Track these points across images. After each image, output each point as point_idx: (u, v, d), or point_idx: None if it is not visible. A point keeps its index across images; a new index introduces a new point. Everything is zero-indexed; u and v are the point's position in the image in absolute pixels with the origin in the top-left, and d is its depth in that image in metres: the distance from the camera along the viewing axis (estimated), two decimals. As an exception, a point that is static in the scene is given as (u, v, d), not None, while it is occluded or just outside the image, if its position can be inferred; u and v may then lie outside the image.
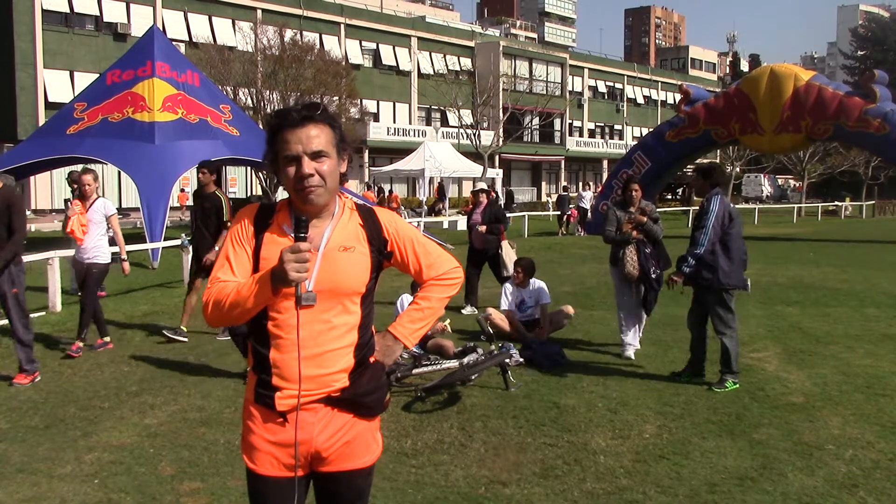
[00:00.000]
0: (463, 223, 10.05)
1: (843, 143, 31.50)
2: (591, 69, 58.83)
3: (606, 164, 55.19)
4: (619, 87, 61.72)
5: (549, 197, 44.47)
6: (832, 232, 27.57)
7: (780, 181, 60.10)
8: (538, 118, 42.38)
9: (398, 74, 45.38)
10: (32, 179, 27.65)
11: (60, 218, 8.74)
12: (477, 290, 10.33)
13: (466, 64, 44.59)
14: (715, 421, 5.46)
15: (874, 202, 45.49)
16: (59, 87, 31.62)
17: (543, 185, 53.89)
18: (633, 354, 7.32)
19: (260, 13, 37.31)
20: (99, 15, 33.36)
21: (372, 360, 2.37)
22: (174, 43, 24.29)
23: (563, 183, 45.86)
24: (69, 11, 32.48)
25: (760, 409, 5.75)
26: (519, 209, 32.54)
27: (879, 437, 5.12)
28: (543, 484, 4.36)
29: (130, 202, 27.98)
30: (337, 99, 30.03)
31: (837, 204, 43.46)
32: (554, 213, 29.57)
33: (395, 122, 44.13)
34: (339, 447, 2.29)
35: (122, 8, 33.97)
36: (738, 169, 47.02)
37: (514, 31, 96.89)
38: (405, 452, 4.84)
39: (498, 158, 44.79)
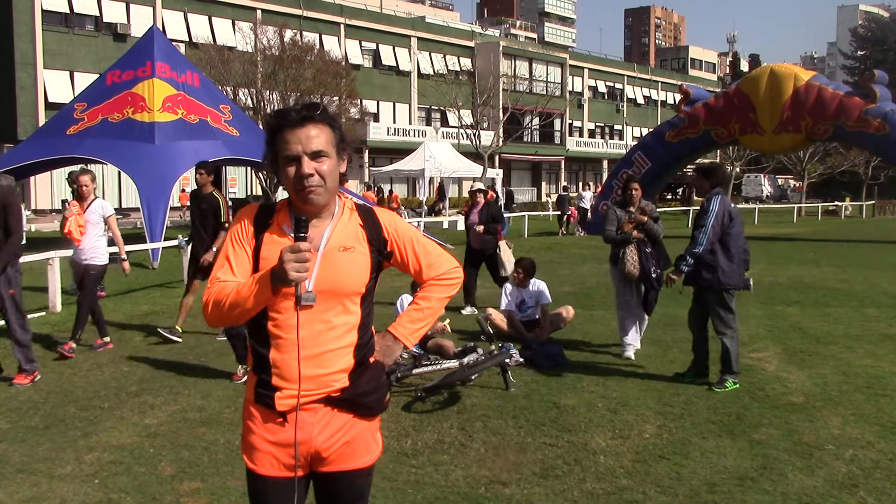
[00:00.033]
0: (463, 223, 10.08)
1: (843, 143, 31.52)
2: (591, 69, 58.84)
3: (606, 164, 55.20)
4: (619, 87, 61.73)
5: (548, 197, 44.48)
6: (832, 232, 27.57)
7: (780, 181, 60.12)
8: (538, 118, 42.39)
9: (398, 74, 45.39)
10: (32, 179, 27.67)
11: (60, 218, 8.72)
12: (475, 290, 10.31)
13: (466, 64, 44.60)
14: (715, 421, 5.46)
15: (874, 202, 45.50)
16: (59, 87, 31.63)
17: (543, 185, 53.89)
18: (632, 355, 7.32)
19: (260, 13, 37.32)
20: (99, 15, 33.38)
21: (372, 360, 2.37)
22: (174, 43, 24.29)
23: (563, 183, 45.86)
24: (69, 12, 32.49)
25: (760, 409, 5.75)
26: (519, 209, 32.54)
27: (879, 437, 5.12)
28: (543, 484, 4.36)
29: (130, 202, 27.99)
30: (337, 99, 30.04)
31: (837, 204, 43.46)
32: (554, 213, 29.58)
33: (395, 122, 44.14)
34: (338, 447, 2.29)
35: (121, 8, 33.98)
36: (738, 169, 47.02)
37: (513, 31, 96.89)
38: (405, 452, 4.83)
39: (498, 158, 44.80)
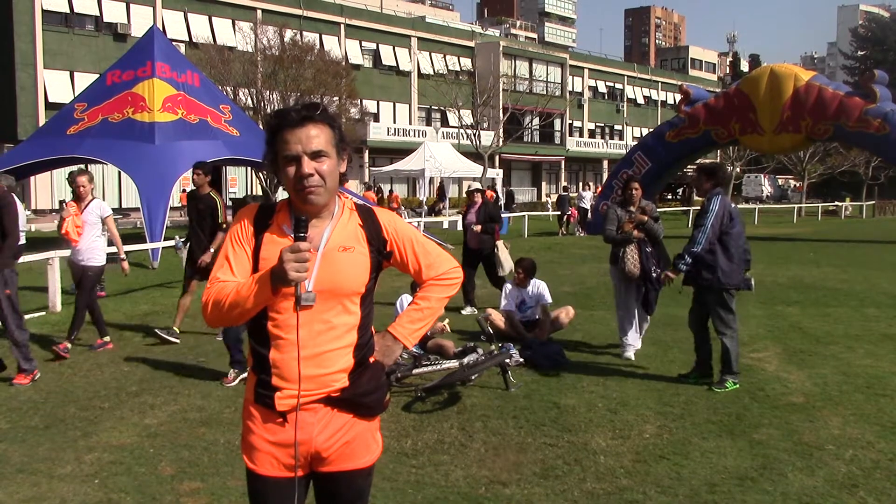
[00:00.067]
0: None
1: (843, 143, 31.51)
2: (591, 69, 58.84)
3: (606, 164, 55.20)
4: (619, 87, 61.72)
5: (548, 197, 44.47)
6: (832, 232, 27.57)
7: (780, 181, 60.11)
8: (538, 118, 42.40)
9: (398, 74, 45.39)
10: (32, 179, 27.67)
11: (58, 219, 8.70)
12: (474, 289, 10.26)
13: (466, 64, 44.60)
14: (715, 421, 5.46)
15: (874, 202, 45.50)
16: (59, 87, 31.63)
17: (543, 185, 53.88)
18: (632, 355, 7.32)
19: (260, 13, 37.32)
20: (99, 15, 33.37)
21: (372, 360, 2.37)
22: (174, 43, 24.31)
23: (563, 183, 45.88)
24: (69, 12, 32.48)
25: (760, 409, 5.75)
26: (519, 209, 32.55)
27: (879, 437, 5.12)
28: (543, 484, 4.36)
29: (130, 202, 27.99)
30: (337, 99, 30.04)
31: (837, 204, 43.46)
32: (554, 213, 29.57)
33: (395, 122, 44.14)
34: (338, 447, 2.29)
35: (122, 8, 33.98)
36: (738, 169, 47.02)
37: (514, 31, 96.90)
38: (405, 452, 4.83)
39: (498, 158, 44.80)
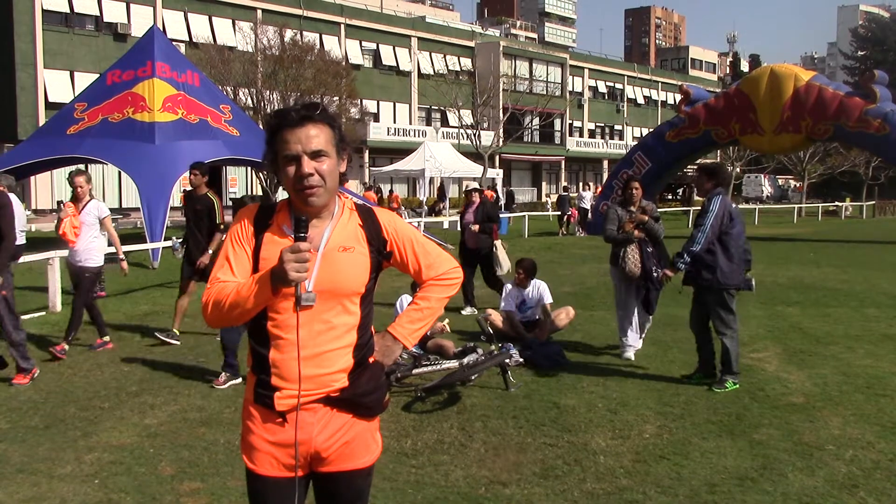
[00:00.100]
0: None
1: (843, 143, 31.52)
2: (591, 69, 58.83)
3: (607, 164, 55.19)
4: (619, 87, 61.71)
5: (548, 197, 44.45)
6: (832, 232, 27.57)
7: (780, 181, 60.11)
8: (538, 118, 42.38)
9: (398, 74, 45.38)
10: (32, 179, 27.66)
11: (56, 219, 8.67)
12: (473, 289, 10.22)
13: (466, 64, 44.59)
14: (715, 421, 5.46)
15: (874, 202, 45.50)
16: (59, 87, 31.63)
17: (543, 185, 53.87)
18: (632, 355, 7.31)
19: (260, 13, 37.31)
20: (99, 15, 33.37)
21: (371, 360, 2.37)
22: (174, 43, 24.29)
23: (563, 183, 45.89)
24: (69, 11, 32.47)
25: (760, 409, 5.75)
26: (519, 209, 32.56)
27: (880, 437, 5.12)
28: (543, 484, 4.36)
29: (130, 202, 27.97)
30: (337, 99, 30.04)
31: (838, 204, 43.46)
32: (554, 213, 29.57)
33: (395, 122, 44.13)
34: (338, 447, 2.29)
35: (122, 8, 33.97)
36: (738, 169, 47.03)
37: (514, 31, 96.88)
38: (405, 452, 4.83)
39: (498, 158, 44.79)
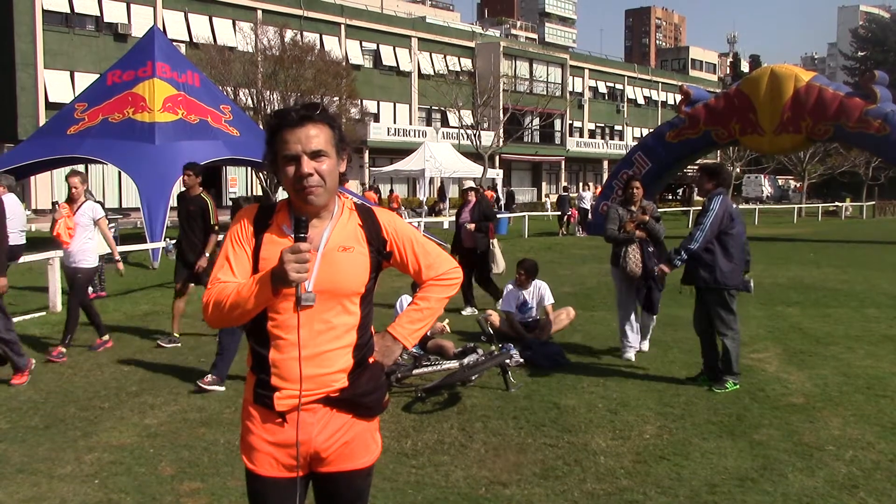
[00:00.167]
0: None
1: (843, 143, 31.51)
2: (591, 70, 58.84)
3: (607, 164, 55.20)
4: (619, 87, 61.73)
5: (547, 198, 44.43)
6: (832, 232, 27.57)
7: (780, 182, 60.12)
8: (538, 119, 42.38)
9: (398, 75, 45.39)
10: (32, 179, 27.68)
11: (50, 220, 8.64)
12: (471, 289, 10.19)
13: (467, 64, 44.62)
14: (715, 422, 5.46)
15: (874, 203, 45.50)
16: (59, 87, 31.64)
17: (544, 185, 53.89)
18: (633, 356, 7.31)
19: (260, 13, 37.33)
20: (99, 15, 33.37)
21: (371, 360, 2.37)
22: (174, 43, 24.30)
23: (563, 183, 45.89)
24: (70, 12, 32.49)
25: (761, 409, 5.75)
26: (519, 209, 32.57)
27: (880, 437, 5.12)
28: (544, 485, 4.35)
29: (130, 202, 27.97)
30: (337, 99, 30.05)
31: (838, 204, 43.46)
32: (554, 213, 29.57)
33: (395, 122, 44.14)
34: (338, 447, 2.28)
35: (122, 8, 33.98)
36: (738, 169, 47.04)
37: (514, 31, 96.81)
38: (405, 453, 4.83)
39: (498, 159, 44.79)
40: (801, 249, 20.12)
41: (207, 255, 7.91)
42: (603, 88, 60.38)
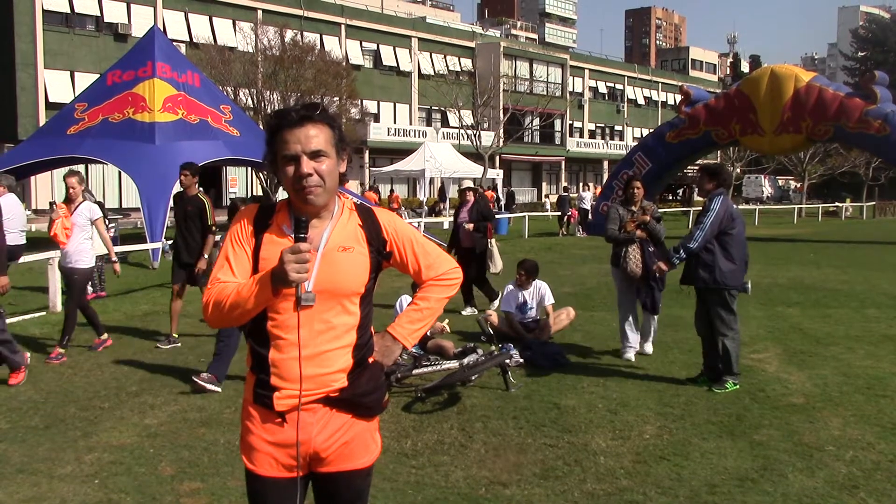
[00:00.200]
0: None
1: (843, 144, 31.50)
2: (591, 70, 58.84)
3: (607, 164, 55.20)
4: (619, 87, 61.73)
5: (546, 198, 44.42)
6: (833, 233, 27.57)
7: (780, 182, 60.13)
8: (538, 119, 42.39)
9: (399, 75, 45.39)
10: (33, 179, 27.68)
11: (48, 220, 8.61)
12: (472, 289, 10.18)
13: (467, 64, 44.62)
14: (715, 422, 5.45)
15: (875, 203, 45.51)
16: (59, 87, 31.64)
17: (544, 185, 53.90)
18: (633, 356, 7.30)
19: (260, 14, 37.34)
20: (99, 15, 33.38)
21: (371, 360, 2.37)
22: (175, 43, 24.31)
23: (563, 184, 45.89)
24: (70, 12, 32.49)
25: (761, 409, 5.75)
26: (519, 209, 32.57)
27: (880, 438, 5.12)
28: (544, 485, 4.35)
29: (131, 202, 27.98)
30: (337, 99, 30.05)
31: (838, 205, 43.47)
32: (554, 213, 29.58)
33: (395, 122, 44.14)
34: (337, 447, 2.28)
35: (122, 8, 33.98)
36: (738, 170, 47.04)
37: (514, 31, 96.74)
38: (405, 453, 4.83)
39: (498, 159, 44.79)
40: (801, 250, 20.12)
41: (206, 256, 7.89)
42: (603, 89, 60.39)
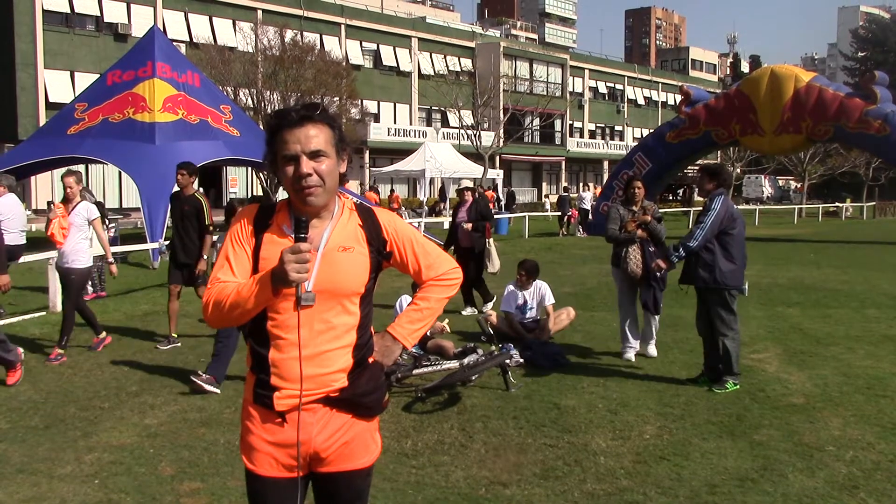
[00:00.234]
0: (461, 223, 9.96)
1: (843, 144, 31.51)
2: (591, 70, 58.84)
3: (607, 165, 55.21)
4: (619, 88, 61.74)
5: (546, 198, 44.41)
6: (833, 233, 27.57)
7: (780, 182, 60.14)
8: (539, 119, 42.40)
9: (399, 75, 45.40)
10: (33, 179, 27.68)
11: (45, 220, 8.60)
12: (471, 289, 10.19)
13: (467, 65, 44.64)
14: (715, 422, 5.45)
15: (875, 203, 45.51)
16: (59, 87, 31.64)
17: (544, 185, 53.90)
18: (633, 356, 7.30)
19: (260, 14, 37.34)
20: (99, 15, 33.38)
21: (371, 360, 2.37)
22: (175, 43, 24.31)
23: (563, 184, 45.89)
24: (70, 12, 32.49)
25: (761, 410, 5.75)
26: (519, 210, 32.58)
27: (880, 438, 5.11)
28: (544, 485, 4.35)
29: (131, 202, 27.99)
30: (337, 99, 30.05)
31: (838, 205, 43.48)
32: (554, 213, 29.58)
33: (395, 122, 44.14)
34: (337, 447, 2.28)
35: (122, 8, 33.99)
36: (738, 170, 47.04)
37: (514, 31, 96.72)
38: (405, 453, 4.83)
39: (498, 159, 44.79)
40: (801, 250, 20.12)
41: (206, 257, 7.87)
42: (603, 89, 60.39)
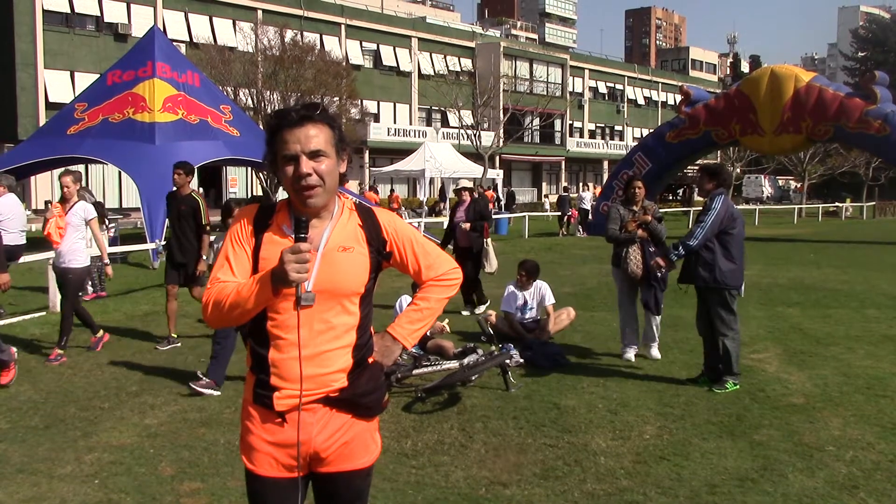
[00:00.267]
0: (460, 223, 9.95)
1: (843, 144, 31.51)
2: (591, 70, 58.86)
3: (607, 164, 55.22)
4: (619, 88, 61.76)
5: (546, 198, 44.41)
6: (833, 233, 27.57)
7: (780, 182, 60.14)
8: (538, 119, 42.40)
9: (399, 75, 45.40)
10: (32, 179, 27.69)
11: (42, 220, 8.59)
12: (471, 290, 10.15)
13: (467, 65, 44.64)
14: (715, 422, 5.45)
15: (875, 203, 45.51)
16: (59, 87, 31.65)
17: (544, 185, 53.91)
18: (633, 356, 7.30)
19: (260, 14, 37.34)
20: (100, 15, 33.39)
21: (371, 360, 2.37)
22: (175, 43, 24.31)
23: (563, 184, 45.89)
24: (70, 12, 32.50)
25: (761, 410, 5.75)
26: (519, 210, 32.58)
27: (880, 438, 5.11)
28: (544, 485, 4.35)
29: (131, 202, 27.99)
30: (337, 99, 30.06)
31: (838, 205, 43.48)
32: (554, 213, 29.58)
33: (395, 122, 44.15)
34: (337, 448, 2.28)
35: (122, 8, 33.99)
36: (738, 170, 47.04)
37: (514, 31, 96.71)
38: (405, 453, 4.83)
39: (498, 159, 44.80)
40: (801, 250, 20.12)
41: (205, 257, 7.85)
42: (603, 89, 60.40)
